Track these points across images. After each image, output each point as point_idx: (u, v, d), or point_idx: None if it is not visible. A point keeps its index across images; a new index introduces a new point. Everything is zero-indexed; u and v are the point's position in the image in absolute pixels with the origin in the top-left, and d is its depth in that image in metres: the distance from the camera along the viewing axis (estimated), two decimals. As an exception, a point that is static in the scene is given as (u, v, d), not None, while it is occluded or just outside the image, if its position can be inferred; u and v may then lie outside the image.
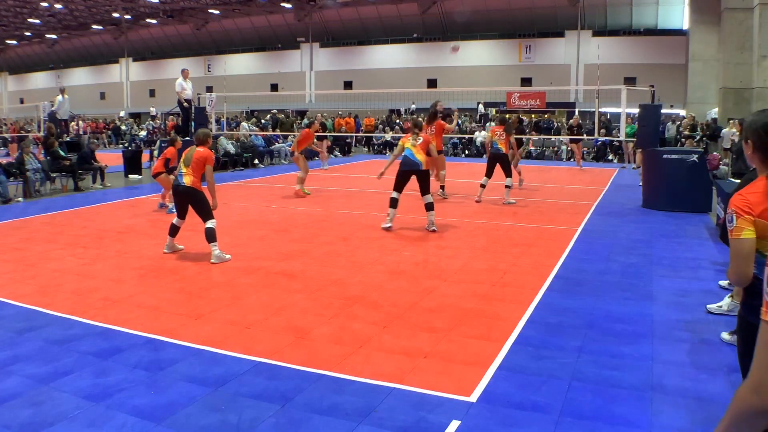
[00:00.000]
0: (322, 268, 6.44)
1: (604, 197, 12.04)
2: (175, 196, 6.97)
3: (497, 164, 10.79)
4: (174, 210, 8.08)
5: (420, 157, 8.15)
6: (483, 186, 11.03)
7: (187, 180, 6.74)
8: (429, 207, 8.32)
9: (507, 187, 10.78)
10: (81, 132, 22.62)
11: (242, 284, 5.89)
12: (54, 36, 50.42)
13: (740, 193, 2.19)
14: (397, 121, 28.51)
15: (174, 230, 7.07)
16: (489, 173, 10.93)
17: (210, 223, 6.72)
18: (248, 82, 40.68)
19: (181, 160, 6.93)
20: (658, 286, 5.83)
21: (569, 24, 35.86)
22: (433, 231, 8.24)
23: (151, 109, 37.06)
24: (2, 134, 28.08)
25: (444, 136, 13.21)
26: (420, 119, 8.88)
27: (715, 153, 16.88)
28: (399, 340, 4.41)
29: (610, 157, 21.25)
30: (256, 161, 18.91)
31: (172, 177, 8.93)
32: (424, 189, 8.27)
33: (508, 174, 10.75)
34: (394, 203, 8.42)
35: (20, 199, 11.79)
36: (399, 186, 8.41)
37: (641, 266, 6.57)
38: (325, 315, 4.96)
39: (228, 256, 6.76)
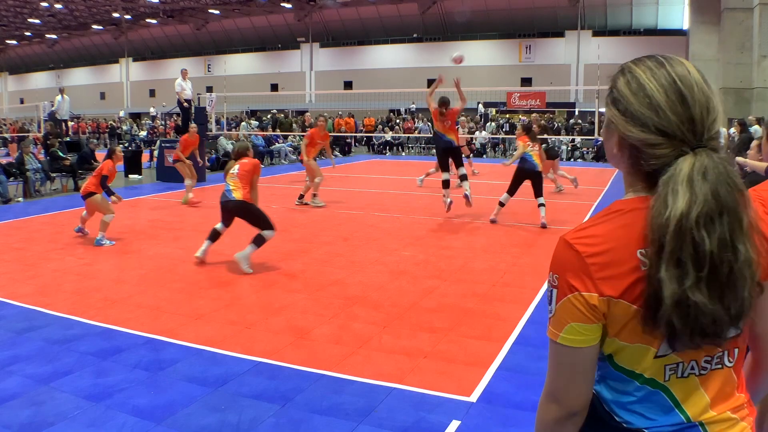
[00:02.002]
0: (322, 268, 6.45)
1: (604, 197, 12.04)
2: (223, 212, 6.55)
3: (529, 181, 8.93)
4: (106, 242, 7.53)
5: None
6: (502, 204, 9.14)
7: (237, 195, 6.34)
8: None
9: (541, 205, 8.93)
10: (73, 132, 22.47)
11: (242, 284, 5.89)
12: (54, 36, 50.42)
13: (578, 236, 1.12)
14: (397, 121, 28.51)
15: (215, 235, 6.62)
16: (513, 190, 8.98)
17: (268, 233, 6.36)
18: (248, 82, 40.67)
19: (227, 176, 6.52)
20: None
21: (569, 24, 35.87)
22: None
23: (152, 109, 37.08)
24: (2, 134, 28.08)
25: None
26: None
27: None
28: (399, 340, 4.41)
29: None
30: (256, 161, 18.90)
31: (114, 199, 7.84)
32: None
33: (540, 193, 8.97)
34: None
35: (20, 199, 11.79)
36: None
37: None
38: (325, 315, 4.96)
39: (249, 270, 6.29)
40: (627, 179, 1.15)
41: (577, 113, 32.19)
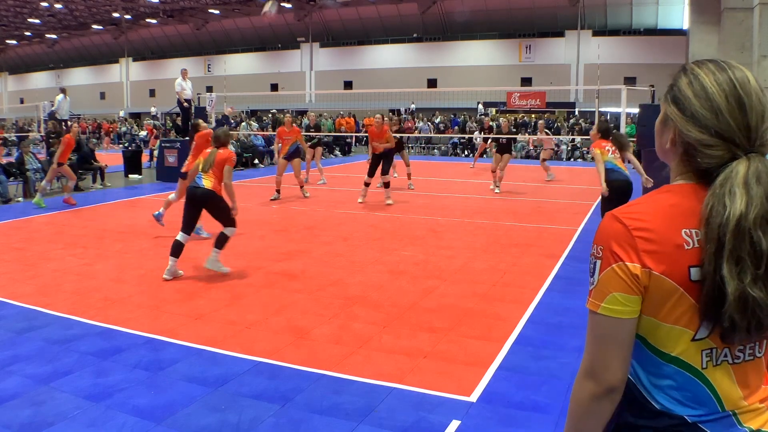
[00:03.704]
0: (322, 268, 6.44)
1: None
2: (189, 202, 6.11)
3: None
4: (204, 234, 7.48)
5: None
6: None
7: (207, 183, 6.02)
8: None
9: None
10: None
11: (242, 284, 5.89)
12: (54, 36, 50.39)
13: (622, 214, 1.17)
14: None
15: (179, 249, 6.04)
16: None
17: (228, 231, 6.11)
18: (248, 82, 40.66)
19: (201, 163, 6.16)
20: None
21: (569, 24, 35.85)
22: None
23: (152, 108, 37.06)
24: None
25: (444, 135, 13.02)
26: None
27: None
28: (399, 340, 4.41)
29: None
30: (256, 161, 18.92)
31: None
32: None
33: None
34: None
35: (20, 199, 11.79)
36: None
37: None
38: (325, 315, 4.96)
39: (226, 269, 6.20)
40: (675, 169, 1.21)
41: (577, 113, 32.18)
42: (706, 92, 1.12)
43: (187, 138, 15.03)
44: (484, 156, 18.30)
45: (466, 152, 23.97)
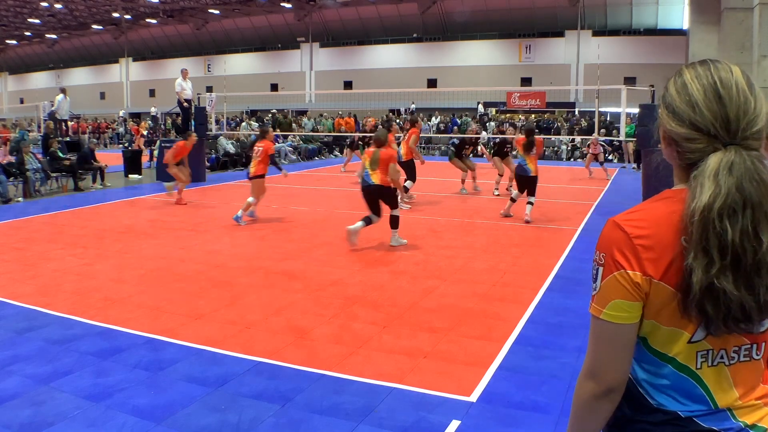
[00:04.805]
0: (322, 268, 6.44)
1: (604, 197, 12.04)
2: (364, 196, 7.36)
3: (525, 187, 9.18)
4: (242, 222, 8.72)
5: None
6: (513, 200, 9.46)
7: (375, 178, 7.20)
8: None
9: (530, 203, 9.16)
10: (73, 132, 22.27)
11: (242, 284, 5.89)
12: (54, 36, 50.38)
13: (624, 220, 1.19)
14: (397, 120, 28.50)
15: (369, 221, 7.31)
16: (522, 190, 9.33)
17: (395, 212, 7.41)
18: (248, 82, 40.62)
19: (368, 162, 7.30)
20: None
21: (569, 24, 35.84)
22: None
23: (152, 108, 37.05)
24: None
25: (443, 135, 12.91)
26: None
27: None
28: (399, 340, 4.41)
29: (610, 157, 21.25)
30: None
31: (284, 173, 9.59)
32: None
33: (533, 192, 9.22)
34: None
35: (20, 199, 11.79)
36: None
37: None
38: (325, 315, 4.96)
39: (405, 241, 7.55)
40: (676, 172, 1.23)
41: (577, 113, 32.18)
42: (685, 88, 1.15)
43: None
44: (483, 156, 18.28)
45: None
